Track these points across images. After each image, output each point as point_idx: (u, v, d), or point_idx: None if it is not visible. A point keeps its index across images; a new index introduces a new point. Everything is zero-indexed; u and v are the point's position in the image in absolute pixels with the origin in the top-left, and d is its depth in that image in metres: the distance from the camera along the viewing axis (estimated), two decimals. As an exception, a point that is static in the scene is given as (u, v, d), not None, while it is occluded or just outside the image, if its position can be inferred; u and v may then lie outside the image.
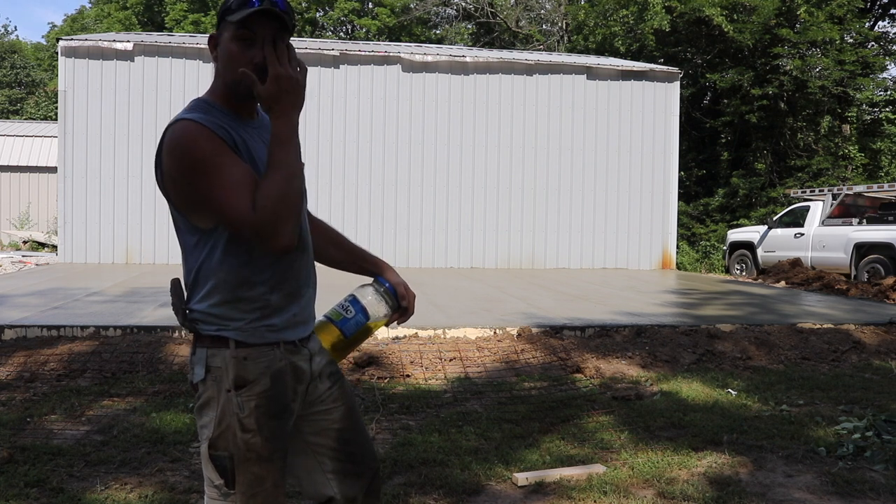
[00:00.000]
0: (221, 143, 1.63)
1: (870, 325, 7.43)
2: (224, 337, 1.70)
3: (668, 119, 15.18)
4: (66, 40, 13.65)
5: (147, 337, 6.01)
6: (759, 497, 3.36)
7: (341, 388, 1.91)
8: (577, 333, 6.68)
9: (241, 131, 1.72)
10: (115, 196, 13.20)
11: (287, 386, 1.75)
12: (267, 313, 1.72)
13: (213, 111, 1.70)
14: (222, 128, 1.66)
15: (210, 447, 1.71)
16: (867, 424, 4.33)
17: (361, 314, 1.90)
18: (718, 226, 21.00)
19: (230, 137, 1.67)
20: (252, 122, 1.78)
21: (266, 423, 1.69)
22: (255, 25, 1.65)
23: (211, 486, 1.73)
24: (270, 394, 1.70)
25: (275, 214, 1.58)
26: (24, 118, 31.53)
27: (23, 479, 3.34)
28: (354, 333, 1.90)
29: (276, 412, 1.72)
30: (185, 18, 31.28)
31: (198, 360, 1.72)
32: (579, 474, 3.54)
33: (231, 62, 1.67)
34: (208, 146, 1.61)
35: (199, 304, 1.72)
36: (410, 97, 14.17)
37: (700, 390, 5.24)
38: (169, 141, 1.64)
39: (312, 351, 1.85)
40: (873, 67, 21.69)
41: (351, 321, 1.90)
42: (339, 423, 1.87)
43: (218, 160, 1.61)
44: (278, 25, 1.66)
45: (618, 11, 21.89)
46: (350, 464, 1.88)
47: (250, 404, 1.68)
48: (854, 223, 13.83)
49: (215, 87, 1.76)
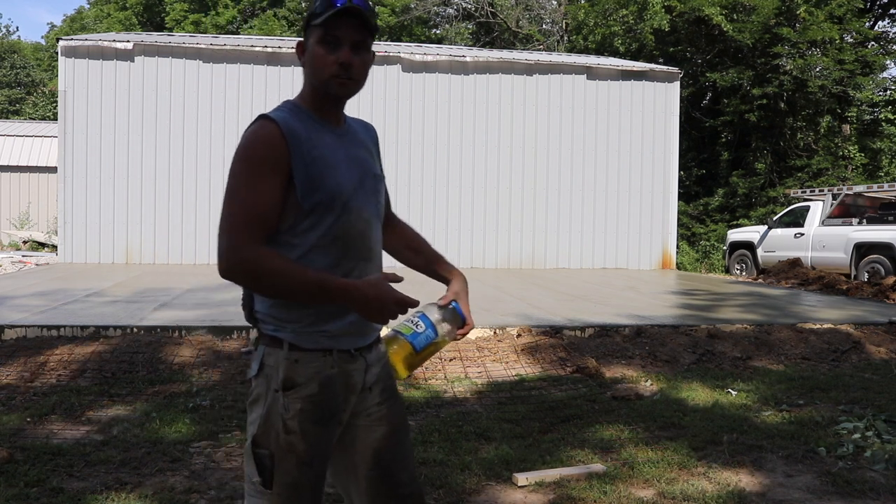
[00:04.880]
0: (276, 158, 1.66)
1: (870, 325, 7.43)
2: (279, 338, 1.72)
3: (668, 119, 15.17)
4: (66, 40, 13.65)
5: (147, 337, 6.01)
6: (759, 497, 3.36)
7: (392, 407, 1.87)
8: (577, 333, 6.68)
9: (322, 136, 1.75)
10: (115, 196, 13.19)
11: (336, 394, 1.75)
12: (322, 319, 1.73)
13: (300, 114, 1.75)
14: (295, 130, 1.70)
15: (253, 443, 1.72)
16: (867, 424, 4.33)
17: (431, 329, 1.87)
18: (718, 226, 21.00)
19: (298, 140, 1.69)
20: (337, 129, 1.81)
21: (310, 427, 1.70)
22: (338, 26, 1.69)
23: (249, 481, 1.75)
24: (317, 399, 1.71)
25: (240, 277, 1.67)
26: (23, 118, 31.50)
27: (23, 479, 3.34)
28: (425, 347, 1.87)
29: (320, 418, 1.72)
30: (185, 18, 31.29)
31: (256, 357, 1.77)
32: (579, 474, 3.54)
33: (318, 64, 1.72)
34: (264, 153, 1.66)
35: (260, 303, 1.77)
36: (410, 97, 14.16)
37: (700, 390, 5.24)
38: (244, 132, 1.75)
39: (370, 362, 1.82)
40: (873, 67, 21.69)
41: (422, 335, 1.86)
42: (380, 442, 1.83)
43: (253, 179, 1.66)
44: (361, 24, 1.71)
45: (617, 11, 21.89)
46: (384, 486, 1.83)
47: (296, 406, 1.70)
48: (854, 223, 13.82)
49: (304, 92, 1.81)
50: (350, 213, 1.74)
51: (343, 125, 1.84)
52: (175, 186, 13.31)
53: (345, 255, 1.74)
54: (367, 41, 1.74)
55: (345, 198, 1.73)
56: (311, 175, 1.69)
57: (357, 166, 1.80)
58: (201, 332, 6.18)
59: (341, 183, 1.73)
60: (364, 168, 1.82)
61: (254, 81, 13.58)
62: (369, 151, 1.88)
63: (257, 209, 1.65)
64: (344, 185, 1.74)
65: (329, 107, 1.79)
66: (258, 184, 1.66)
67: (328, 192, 1.70)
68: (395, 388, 1.90)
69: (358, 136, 1.87)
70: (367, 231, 1.79)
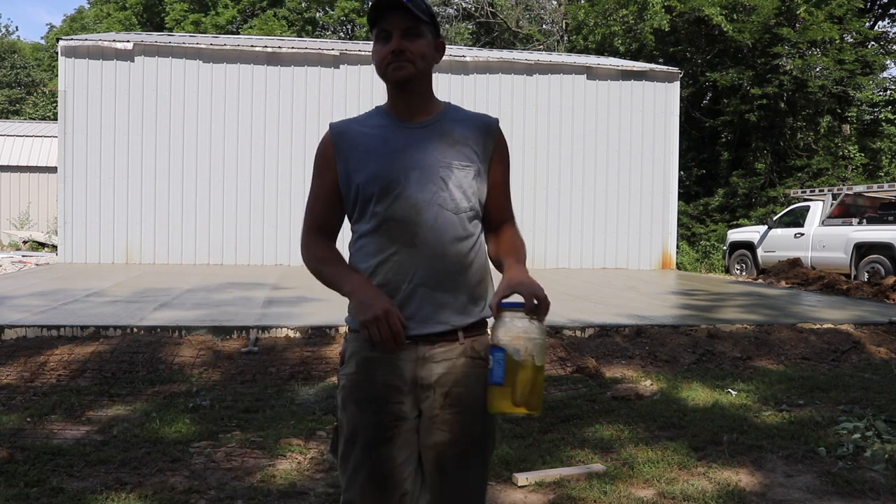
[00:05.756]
0: (325, 160, 1.88)
1: (870, 325, 7.43)
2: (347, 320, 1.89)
3: (668, 119, 15.17)
4: (66, 40, 13.65)
5: (147, 337, 6.01)
6: (759, 497, 3.36)
7: (458, 418, 1.79)
8: (577, 333, 6.68)
9: (382, 131, 1.84)
10: (115, 196, 13.19)
11: (377, 377, 1.78)
12: None
13: (374, 116, 1.89)
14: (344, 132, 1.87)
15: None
16: (867, 424, 4.33)
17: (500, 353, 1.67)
18: (718, 226, 20.99)
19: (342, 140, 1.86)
20: (411, 122, 1.84)
21: (350, 406, 1.81)
22: (385, 19, 1.79)
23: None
24: (355, 378, 1.81)
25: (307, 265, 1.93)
26: (23, 118, 31.51)
27: (23, 479, 3.34)
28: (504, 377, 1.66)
29: (358, 399, 1.80)
30: (185, 18, 31.28)
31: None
32: (579, 474, 3.54)
33: (376, 59, 1.83)
34: (318, 158, 1.90)
35: None
36: (410, 97, 14.15)
37: (700, 390, 5.24)
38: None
39: (426, 356, 1.78)
40: (873, 67, 21.68)
41: (494, 371, 1.67)
42: (440, 447, 1.80)
43: (314, 181, 1.92)
44: (405, 15, 1.76)
45: (617, 11, 21.88)
46: (436, 495, 1.82)
47: (341, 382, 1.86)
48: (854, 223, 13.82)
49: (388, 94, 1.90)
50: (394, 200, 1.78)
51: (425, 118, 1.85)
52: (175, 186, 13.30)
53: (388, 241, 1.79)
54: (417, 27, 1.78)
55: (386, 185, 1.78)
56: (348, 169, 1.83)
57: (415, 155, 1.80)
58: (201, 332, 6.18)
59: (382, 172, 1.79)
60: (425, 157, 1.80)
61: (254, 81, 13.57)
62: (454, 142, 1.83)
63: (312, 207, 1.91)
64: (385, 173, 1.79)
65: (400, 101, 1.85)
66: (315, 185, 1.90)
67: (365, 181, 1.79)
68: (468, 402, 1.79)
69: (444, 127, 1.85)
70: (414, 217, 1.77)
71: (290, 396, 4.91)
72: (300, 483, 3.44)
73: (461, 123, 1.87)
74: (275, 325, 6.35)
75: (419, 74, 1.81)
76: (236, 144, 13.51)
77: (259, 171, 13.53)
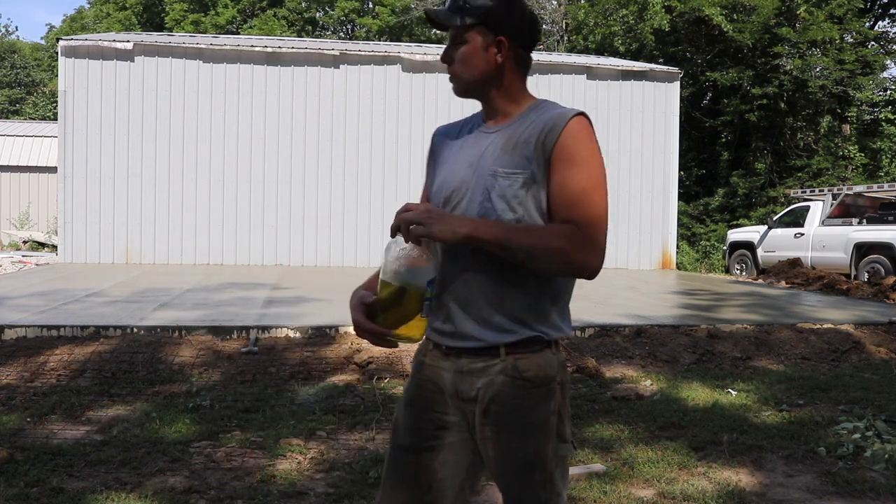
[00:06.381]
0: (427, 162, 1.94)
1: (870, 325, 7.43)
2: None
3: (668, 119, 15.17)
4: (66, 40, 13.65)
5: (147, 337, 6.01)
6: (759, 497, 3.36)
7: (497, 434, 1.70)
8: (577, 333, 6.68)
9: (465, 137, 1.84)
10: (115, 196, 13.18)
11: (421, 381, 1.79)
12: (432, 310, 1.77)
13: (472, 119, 1.88)
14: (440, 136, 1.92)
15: None
16: (867, 424, 4.33)
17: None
18: (718, 226, 20.99)
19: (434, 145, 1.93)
20: (487, 127, 1.81)
21: (400, 403, 1.85)
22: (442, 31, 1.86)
23: None
24: (410, 380, 1.85)
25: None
26: (23, 118, 31.51)
27: (23, 479, 3.34)
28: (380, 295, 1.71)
29: (407, 399, 1.82)
30: (185, 18, 31.30)
31: None
32: (579, 474, 3.54)
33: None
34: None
35: None
36: (410, 97, 14.15)
37: (700, 390, 5.24)
38: None
39: (468, 371, 1.72)
40: (873, 67, 21.69)
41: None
42: (490, 466, 1.76)
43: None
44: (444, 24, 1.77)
45: (617, 11, 21.89)
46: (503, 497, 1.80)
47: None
48: (854, 223, 13.82)
49: None
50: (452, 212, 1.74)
51: (500, 122, 1.79)
52: (175, 186, 13.30)
53: (439, 253, 1.72)
54: (460, 34, 1.74)
55: (448, 195, 1.76)
56: (432, 175, 1.89)
57: (477, 164, 1.73)
58: (201, 332, 6.18)
59: (443, 182, 1.79)
60: (482, 166, 1.72)
61: (254, 81, 13.57)
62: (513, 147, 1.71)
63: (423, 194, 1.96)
64: (446, 183, 1.77)
65: (482, 107, 1.86)
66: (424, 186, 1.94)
67: (434, 191, 1.82)
68: (507, 422, 1.70)
69: (511, 131, 1.73)
70: None
71: (290, 396, 4.91)
72: (300, 483, 3.44)
73: (533, 124, 1.72)
74: (275, 326, 6.35)
75: (470, 84, 1.78)
76: (236, 144, 13.50)
77: (259, 171, 13.53)
